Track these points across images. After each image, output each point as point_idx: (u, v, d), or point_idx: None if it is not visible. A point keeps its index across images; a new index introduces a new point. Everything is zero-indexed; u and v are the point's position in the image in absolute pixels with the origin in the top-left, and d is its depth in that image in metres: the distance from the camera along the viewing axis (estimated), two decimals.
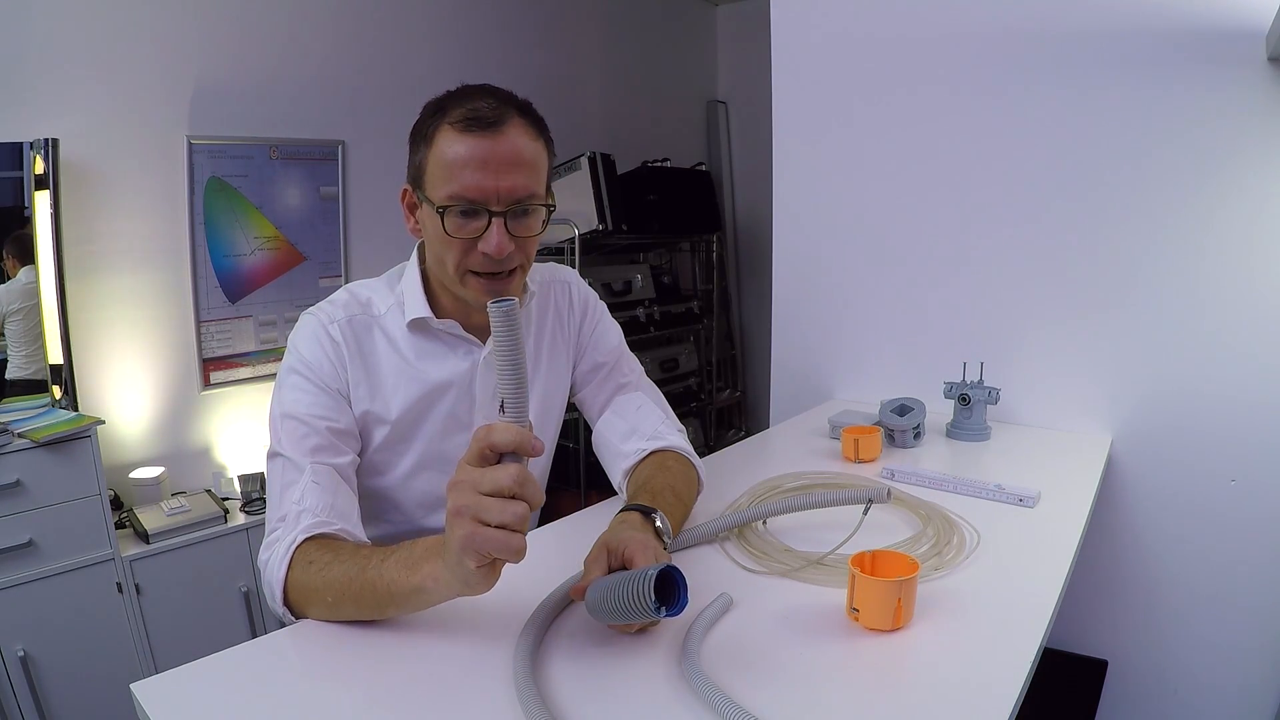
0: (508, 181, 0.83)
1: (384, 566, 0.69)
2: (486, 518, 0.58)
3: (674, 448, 1.01)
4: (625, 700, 0.63)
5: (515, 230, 0.85)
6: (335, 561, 0.73)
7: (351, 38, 2.45)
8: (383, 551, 0.71)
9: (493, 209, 0.83)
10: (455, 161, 0.82)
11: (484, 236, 0.84)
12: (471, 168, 0.81)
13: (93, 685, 1.75)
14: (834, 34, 1.63)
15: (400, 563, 0.68)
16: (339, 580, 0.71)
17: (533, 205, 0.86)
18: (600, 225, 2.70)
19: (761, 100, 1.84)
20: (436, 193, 0.84)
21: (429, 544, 0.67)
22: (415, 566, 0.67)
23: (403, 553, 0.69)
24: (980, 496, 1.08)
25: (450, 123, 0.82)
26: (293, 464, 0.84)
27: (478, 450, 0.61)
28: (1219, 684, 1.39)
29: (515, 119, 0.84)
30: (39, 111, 1.86)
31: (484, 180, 0.82)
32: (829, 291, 1.74)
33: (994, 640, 0.72)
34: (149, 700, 0.62)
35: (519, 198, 0.84)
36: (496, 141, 0.82)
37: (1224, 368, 1.31)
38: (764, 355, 2.04)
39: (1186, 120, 1.28)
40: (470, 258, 0.86)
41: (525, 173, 0.84)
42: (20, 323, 1.90)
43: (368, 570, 0.70)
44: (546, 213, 0.89)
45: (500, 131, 0.82)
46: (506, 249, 0.84)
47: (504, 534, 0.58)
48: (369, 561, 0.70)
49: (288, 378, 0.90)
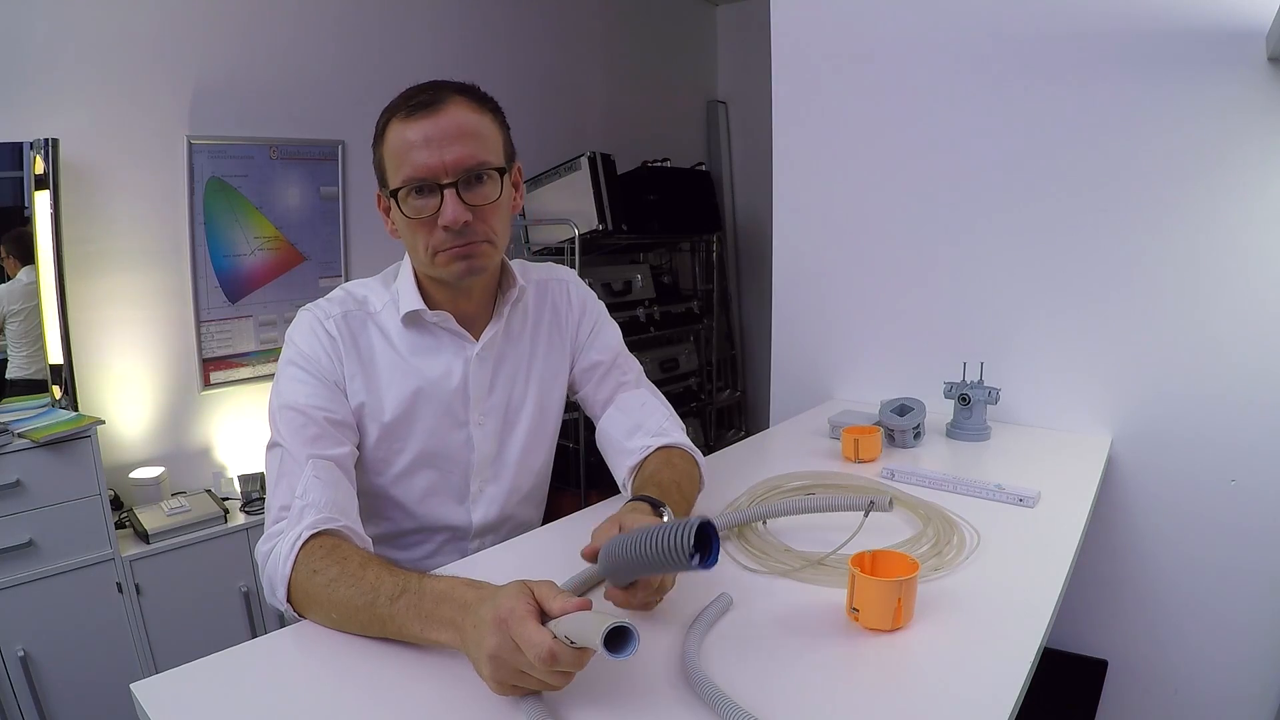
0: (452, 154, 0.85)
1: (394, 609, 0.67)
2: (528, 681, 0.59)
3: (679, 444, 1.02)
4: (625, 700, 0.63)
5: (470, 199, 0.87)
6: (341, 578, 0.72)
7: (351, 38, 2.46)
8: (389, 585, 0.69)
9: (443, 182, 0.86)
10: (402, 147, 0.86)
11: (440, 210, 0.86)
12: (417, 148, 0.85)
13: (93, 685, 1.75)
14: (834, 34, 1.63)
15: (413, 612, 0.66)
16: (345, 603, 0.70)
17: (484, 171, 0.88)
18: (600, 225, 2.70)
19: (761, 100, 1.84)
20: (394, 181, 0.88)
21: (446, 612, 0.64)
22: (429, 625, 0.65)
23: (412, 598, 0.67)
24: (980, 496, 1.08)
25: (395, 116, 0.87)
26: (291, 455, 0.85)
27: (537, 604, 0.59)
28: (1219, 684, 1.39)
29: (453, 97, 0.87)
30: (39, 111, 1.85)
31: (429, 157, 0.85)
32: (829, 291, 1.74)
33: (994, 640, 0.72)
34: (149, 700, 0.62)
35: (467, 166, 0.86)
36: (436, 119, 0.85)
37: (1224, 367, 1.31)
38: (764, 355, 2.04)
39: (1187, 120, 1.28)
40: (435, 236, 0.88)
41: (469, 142, 0.87)
42: (20, 323, 1.90)
43: (377, 606, 0.68)
44: (502, 178, 0.90)
45: (439, 110, 0.86)
46: (464, 217, 0.86)
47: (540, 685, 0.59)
48: (377, 595, 0.68)
49: (286, 370, 0.92)
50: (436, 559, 1.02)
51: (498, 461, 1.03)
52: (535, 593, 0.60)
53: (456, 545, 1.04)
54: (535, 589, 0.60)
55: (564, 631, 0.56)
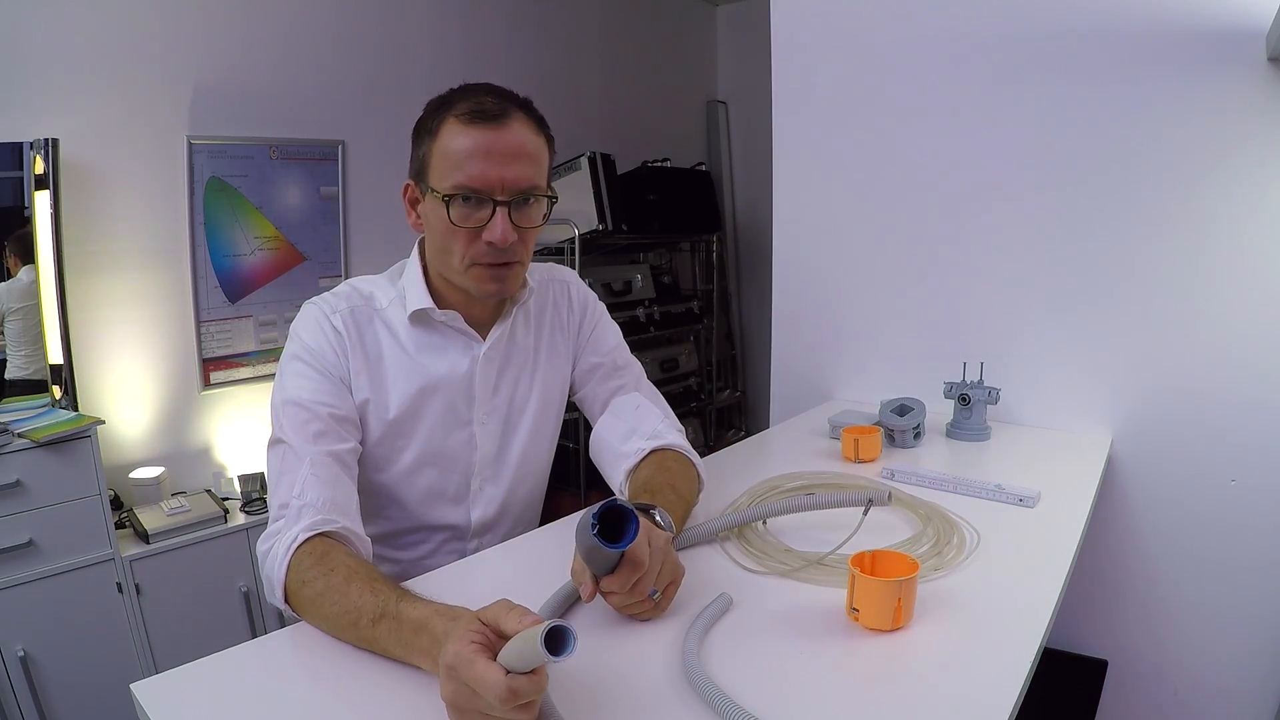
0: (511, 172, 0.85)
1: (375, 632, 0.66)
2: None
3: (674, 446, 1.00)
4: (625, 699, 0.63)
5: (518, 220, 0.88)
6: (326, 594, 0.70)
7: (351, 38, 2.45)
8: (369, 607, 0.67)
9: (497, 198, 0.86)
10: (461, 152, 0.85)
11: (489, 225, 0.86)
12: (477, 158, 0.84)
13: (93, 685, 1.75)
14: (834, 34, 1.63)
15: (393, 638, 0.65)
16: (331, 619, 0.70)
17: (535, 195, 0.89)
18: (600, 225, 2.70)
19: (761, 100, 1.84)
20: (442, 183, 0.86)
21: (423, 643, 0.62)
22: (410, 653, 0.64)
23: (391, 624, 0.65)
24: (980, 496, 1.08)
25: (455, 115, 0.85)
26: (293, 451, 0.84)
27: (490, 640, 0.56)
28: (1219, 683, 1.39)
29: (518, 114, 0.87)
30: (39, 111, 1.86)
31: (488, 170, 0.85)
32: (829, 291, 1.74)
33: (994, 640, 0.72)
34: (149, 700, 0.62)
35: (522, 188, 0.87)
36: (500, 134, 0.85)
37: (1224, 367, 1.31)
38: (764, 355, 2.04)
39: (1187, 120, 1.28)
40: (474, 248, 0.88)
41: (528, 164, 0.87)
42: (20, 322, 1.90)
43: (360, 627, 0.67)
44: (548, 205, 0.92)
45: (504, 124, 0.85)
46: (510, 237, 0.86)
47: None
48: (360, 616, 0.67)
49: (290, 364, 0.91)
50: (435, 559, 1.02)
51: (499, 461, 1.03)
52: (485, 619, 0.57)
53: (455, 545, 1.04)
54: (484, 615, 0.58)
55: (510, 664, 0.53)
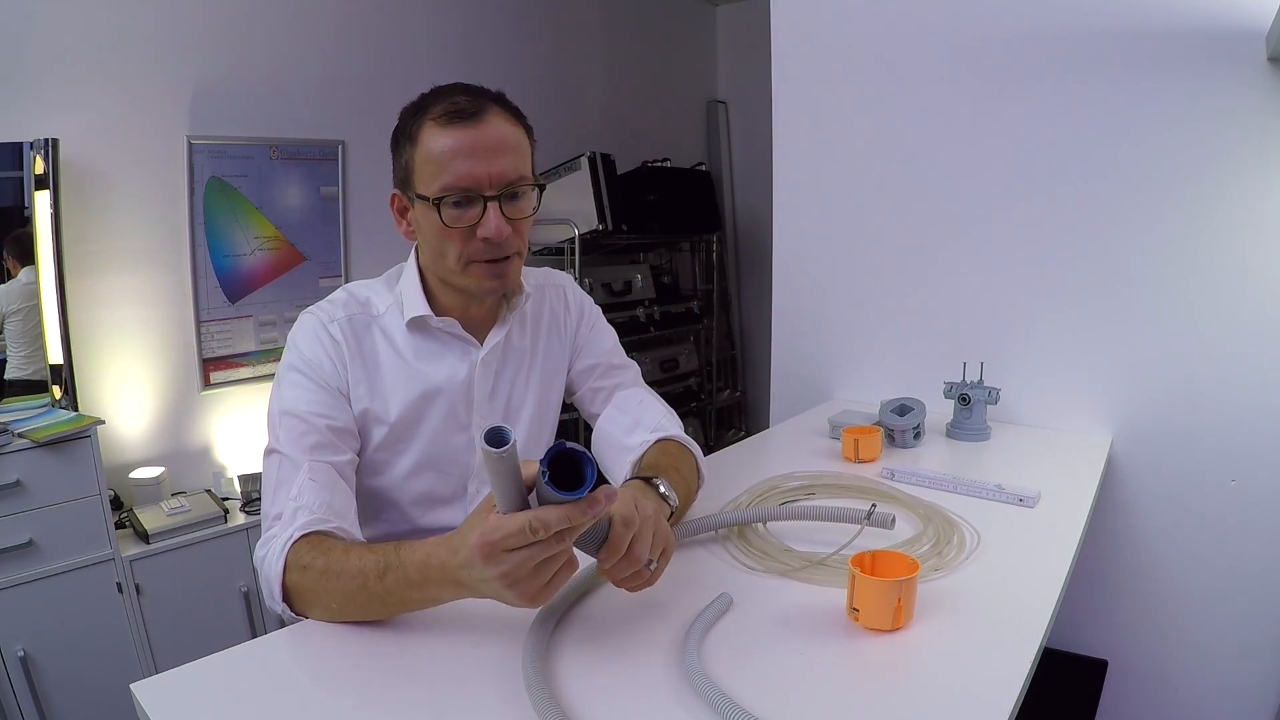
0: (497, 166, 0.85)
1: (384, 585, 0.69)
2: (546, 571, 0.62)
3: (676, 437, 1.02)
4: (625, 699, 0.63)
5: (510, 213, 0.88)
6: (330, 569, 0.72)
7: (351, 38, 2.46)
8: (372, 564, 0.70)
9: (486, 194, 0.86)
10: (444, 154, 0.84)
11: (482, 222, 0.86)
12: (460, 157, 0.84)
13: (93, 685, 1.75)
14: (834, 34, 1.63)
15: (403, 583, 0.68)
16: (339, 591, 0.71)
17: (522, 187, 0.89)
18: (600, 225, 2.70)
19: (761, 100, 1.84)
20: (429, 187, 0.86)
21: (434, 573, 0.66)
22: (426, 589, 0.67)
23: (397, 572, 0.68)
24: (980, 496, 1.08)
25: (432, 119, 0.85)
26: (290, 461, 0.84)
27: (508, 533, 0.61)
28: (1219, 683, 1.39)
29: (494, 108, 0.87)
30: (39, 111, 1.85)
31: (474, 167, 0.84)
32: (829, 291, 1.74)
33: (994, 640, 0.72)
34: (149, 700, 0.62)
35: (509, 180, 0.87)
36: (480, 130, 0.85)
37: (1224, 368, 1.31)
38: (764, 355, 2.04)
39: (1187, 120, 1.28)
40: (470, 247, 0.88)
41: (511, 156, 0.87)
42: (20, 323, 1.90)
43: (368, 586, 0.69)
44: (537, 194, 0.92)
45: (482, 120, 0.85)
46: (505, 231, 0.86)
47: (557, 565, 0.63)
48: (365, 576, 0.70)
49: (287, 375, 0.90)
50: None
51: None
52: (483, 508, 0.63)
53: None
54: (481, 506, 0.63)
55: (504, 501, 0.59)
